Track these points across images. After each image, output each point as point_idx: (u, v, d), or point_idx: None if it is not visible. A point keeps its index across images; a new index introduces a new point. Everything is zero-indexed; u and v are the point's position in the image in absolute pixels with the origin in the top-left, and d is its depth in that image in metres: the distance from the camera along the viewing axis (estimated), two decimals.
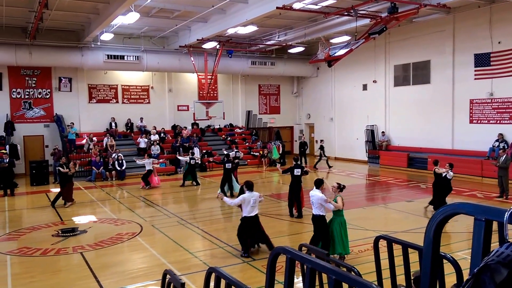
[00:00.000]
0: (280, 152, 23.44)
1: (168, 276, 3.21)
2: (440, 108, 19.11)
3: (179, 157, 19.58)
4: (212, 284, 2.71)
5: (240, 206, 8.54)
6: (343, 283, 1.78)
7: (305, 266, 2.00)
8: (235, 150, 19.26)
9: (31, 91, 20.95)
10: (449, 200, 11.51)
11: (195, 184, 17.20)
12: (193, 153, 18.19)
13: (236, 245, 8.98)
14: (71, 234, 10.22)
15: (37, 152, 20.87)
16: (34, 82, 21.00)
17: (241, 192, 8.79)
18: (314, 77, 26.93)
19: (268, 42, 22.09)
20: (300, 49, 22.92)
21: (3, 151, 18.02)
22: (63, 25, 19.03)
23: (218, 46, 20.52)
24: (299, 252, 2.09)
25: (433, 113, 19.48)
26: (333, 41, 19.60)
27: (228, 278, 2.40)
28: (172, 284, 3.04)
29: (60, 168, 13.67)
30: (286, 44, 21.84)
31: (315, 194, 8.09)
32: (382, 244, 3.54)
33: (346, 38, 19.11)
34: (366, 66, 22.85)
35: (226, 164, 14.89)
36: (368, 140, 22.61)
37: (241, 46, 22.45)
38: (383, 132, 22.18)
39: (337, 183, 8.30)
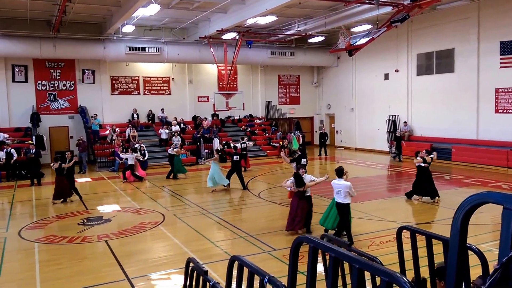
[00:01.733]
0: (300, 142, 23.35)
1: (191, 263, 3.27)
2: (465, 98, 18.65)
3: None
4: (234, 272, 2.75)
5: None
6: (366, 272, 1.78)
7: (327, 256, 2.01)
8: (242, 142, 18.97)
9: (56, 83, 21.41)
10: (472, 191, 11.29)
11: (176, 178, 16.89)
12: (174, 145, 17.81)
13: (256, 235, 9.05)
14: (96, 223, 10.49)
15: (62, 143, 21.39)
16: (59, 74, 21.45)
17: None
18: (335, 67, 26.63)
19: (288, 32, 21.91)
20: (320, 38, 22.65)
21: (30, 142, 18.55)
22: (85, 17, 19.32)
23: (237, 37, 20.48)
24: (322, 241, 2.10)
25: (457, 103, 19.04)
26: (354, 30, 19.30)
27: (251, 266, 2.43)
28: (195, 271, 3.09)
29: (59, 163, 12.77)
30: (306, 33, 21.62)
31: (341, 183, 8.30)
32: (405, 235, 3.51)
33: (367, 26, 18.79)
34: (388, 55, 22.44)
35: (234, 157, 14.84)
36: (389, 130, 22.29)
37: (260, 37, 22.34)
38: (405, 122, 21.82)
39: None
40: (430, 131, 20.43)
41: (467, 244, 2.51)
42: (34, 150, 17.05)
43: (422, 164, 11.56)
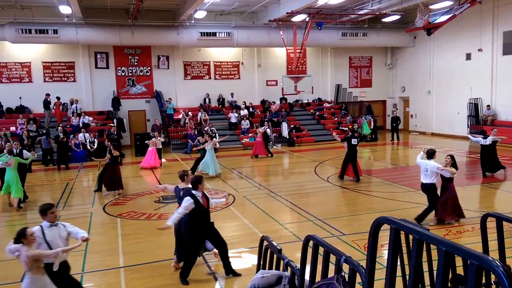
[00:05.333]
0: (372, 127, 22.61)
1: (265, 242, 3.32)
2: None
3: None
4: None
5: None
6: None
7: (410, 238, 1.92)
8: (263, 127, 18.55)
9: (134, 69, 22.65)
10: None
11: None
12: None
13: (325, 219, 8.98)
14: (171, 201, 11.03)
15: (140, 125, 22.69)
16: (136, 60, 22.65)
17: None
18: (411, 47, 25.21)
19: (360, 12, 21.06)
20: (395, 17, 21.52)
21: (111, 124, 19.91)
22: (160, 5, 20.09)
23: (307, 19, 20.10)
24: (404, 221, 2.00)
25: None
26: (433, 7, 18.07)
27: (327, 246, 2.41)
28: (269, 249, 3.13)
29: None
30: (380, 12, 20.62)
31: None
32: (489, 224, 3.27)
33: (448, 3, 17.50)
34: (470, 33, 20.77)
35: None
36: (470, 114, 20.78)
37: (331, 18, 21.73)
38: (488, 105, 20.20)
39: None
40: None
41: None
42: (115, 132, 18.28)
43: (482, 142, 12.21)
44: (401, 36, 24.39)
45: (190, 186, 6.34)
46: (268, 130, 19.14)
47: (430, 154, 8.31)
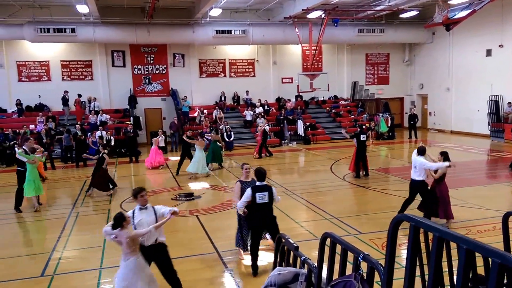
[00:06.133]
0: (389, 125, 22.32)
1: (282, 239, 3.29)
2: None
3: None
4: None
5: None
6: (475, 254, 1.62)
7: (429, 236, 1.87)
8: (266, 125, 18.33)
9: (150, 67, 22.84)
10: None
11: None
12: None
13: (341, 217, 8.91)
14: (187, 198, 11.10)
15: (156, 123, 22.88)
16: (152, 58, 22.82)
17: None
18: (429, 43, 24.79)
19: (377, 8, 20.79)
20: (413, 13, 21.17)
21: (128, 122, 20.12)
22: (176, 3, 20.20)
23: (323, 15, 19.94)
24: (424, 219, 1.95)
25: None
26: (452, 2, 17.71)
27: (344, 243, 2.37)
28: (285, 247, 3.10)
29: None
30: (398, 8, 20.32)
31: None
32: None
33: None
34: (491, 29, 20.30)
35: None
36: (491, 112, 20.35)
37: (347, 14, 21.52)
38: (509, 102, 19.73)
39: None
40: None
41: None
42: (132, 130, 18.47)
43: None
44: (419, 32, 23.99)
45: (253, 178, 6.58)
46: (267, 127, 18.88)
47: (421, 151, 8.31)
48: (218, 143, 15.76)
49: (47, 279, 6.40)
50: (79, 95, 20.79)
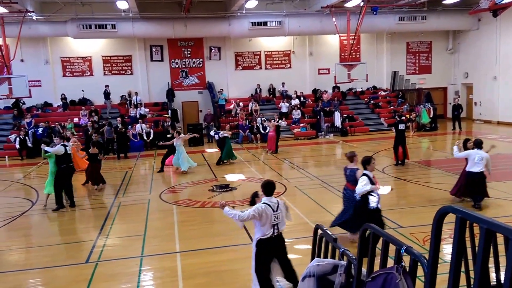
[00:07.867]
0: (431, 116, 21.55)
1: (319, 230, 3.24)
2: None
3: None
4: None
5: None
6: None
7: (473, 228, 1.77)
8: (277, 120, 17.70)
9: (187, 61, 23.14)
10: None
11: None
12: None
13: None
14: (224, 190, 11.20)
15: (193, 116, 23.22)
16: (189, 52, 23.11)
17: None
18: (474, 30, 23.65)
19: None
20: None
21: (166, 115, 20.52)
22: None
23: (362, 3, 19.41)
24: (471, 211, 1.85)
25: None
26: None
27: (386, 235, 2.29)
28: (323, 238, 3.05)
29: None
30: None
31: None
32: None
33: None
34: None
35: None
36: None
37: (387, 1, 20.85)
38: None
39: None
40: None
41: None
42: (170, 123, 18.82)
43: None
44: (464, 19, 22.91)
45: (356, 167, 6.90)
46: (282, 123, 18.15)
47: (479, 144, 8.54)
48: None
49: (92, 265, 6.65)
50: (129, 94, 21.76)
